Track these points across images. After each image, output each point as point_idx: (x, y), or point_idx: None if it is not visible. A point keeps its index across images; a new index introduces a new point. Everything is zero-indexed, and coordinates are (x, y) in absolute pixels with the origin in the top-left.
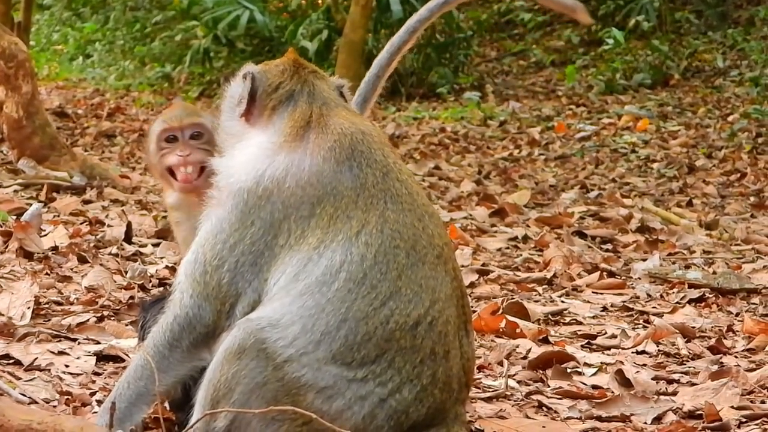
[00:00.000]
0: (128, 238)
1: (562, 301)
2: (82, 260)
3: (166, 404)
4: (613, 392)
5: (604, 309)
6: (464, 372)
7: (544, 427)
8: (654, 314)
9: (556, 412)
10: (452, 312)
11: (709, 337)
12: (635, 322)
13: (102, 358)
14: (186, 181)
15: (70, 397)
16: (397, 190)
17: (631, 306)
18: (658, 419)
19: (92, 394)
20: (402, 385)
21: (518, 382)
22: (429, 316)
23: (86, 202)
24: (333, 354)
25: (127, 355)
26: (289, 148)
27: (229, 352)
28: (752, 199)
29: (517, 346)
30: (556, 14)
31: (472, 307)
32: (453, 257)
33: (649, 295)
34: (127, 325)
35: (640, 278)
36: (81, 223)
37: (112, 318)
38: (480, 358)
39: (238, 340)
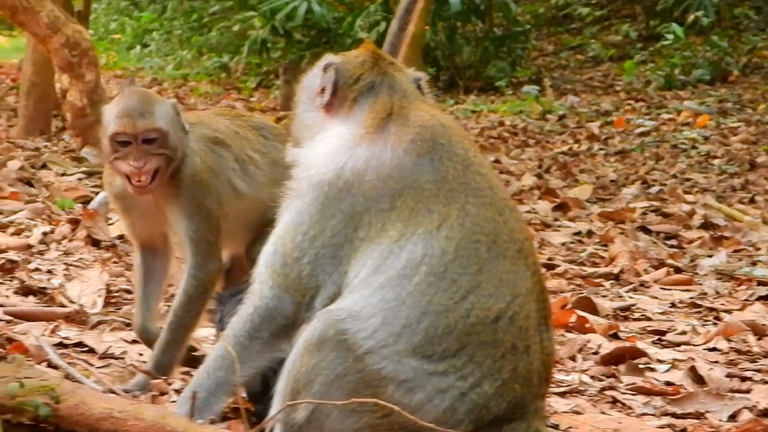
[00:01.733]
0: None
1: (630, 297)
2: None
3: (245, 394)
4: (686, 389)
5: (673, 305)
6: (544, 367)
7: (620, 423)
8: (723, 311)
9: (630, 408)
10: (532, 307)
11: None
12: (704, 318)
13: None
14: (140, 189)
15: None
16: (477, 183)
17: (699, 302)
18: (733, 417)
19: (169, 383)
20: (482, 379)
21: (591, 377)
22: (510, 311)
23: None
24: (413, 347)
25: (200, 344)
26: (370, 140)
27: (309, 343)
28: None
29: (588, 341)
30: (614, 9)
31: None
32: (533, 252)
33: (717, 292)
34: None
35: (706, 275)
36: None
37: None
38: None
39: (319, 331)
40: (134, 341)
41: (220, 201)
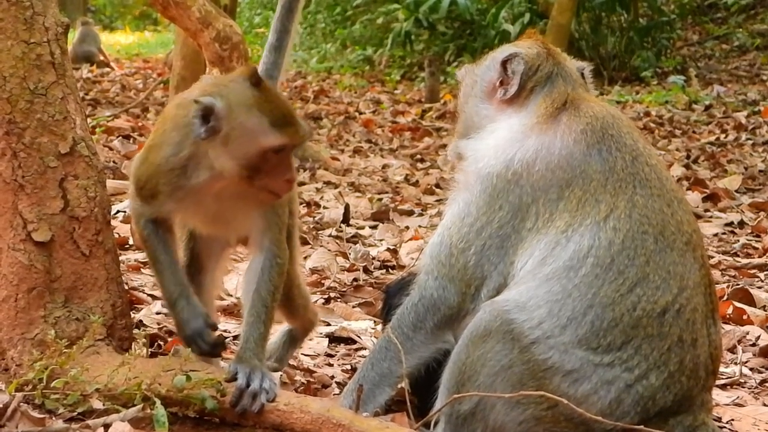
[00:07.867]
0: (346, 219)
1: None
2: (303, 242)
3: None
4: None
5: None
6: (711, 360)
7: None
8: None
9: None
10: (700, 300)
11: None
12: None
13: (333, 339)
14: (273, 200)
15: (311, 378)
16: (646, 174)
17: None
18: None
19: (331, 376)
20: (649, 371)
21: (750, 369)
22: (677, 304)
23: (300, 183)
24: (579, 339)
25: (359, 337)
26: (540, 130)
27: (474, 335)
28: None
29: (747, 333)
30: None
31: None
32: (701, 244)
33: None
34: (354, 307)
35: None
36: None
37: (339, 299)
38: None
39: (485, 323)
40: None
41: None
